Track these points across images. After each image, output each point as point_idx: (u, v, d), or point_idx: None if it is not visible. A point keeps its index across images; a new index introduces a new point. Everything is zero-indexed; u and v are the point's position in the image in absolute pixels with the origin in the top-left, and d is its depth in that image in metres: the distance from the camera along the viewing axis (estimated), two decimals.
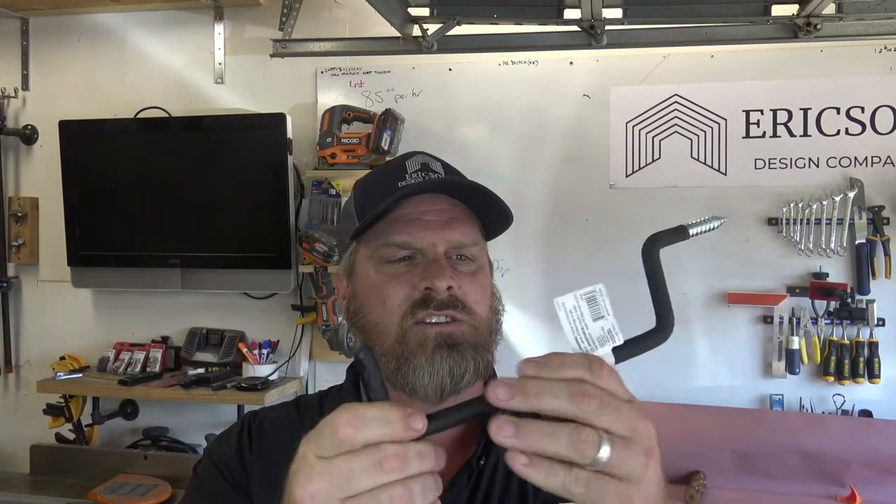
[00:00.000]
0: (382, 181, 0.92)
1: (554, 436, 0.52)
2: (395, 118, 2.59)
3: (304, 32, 2.67)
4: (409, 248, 0.87)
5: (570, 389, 0.54)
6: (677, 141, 2.60)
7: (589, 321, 0.63)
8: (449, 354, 0.83)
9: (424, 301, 0.84)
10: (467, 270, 0.88)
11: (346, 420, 0.53)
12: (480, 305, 0.87)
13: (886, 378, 2.44)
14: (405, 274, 0.86)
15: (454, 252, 0.88)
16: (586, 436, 0.53)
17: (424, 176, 0.89)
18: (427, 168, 0.91)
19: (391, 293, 0.86)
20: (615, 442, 0.54)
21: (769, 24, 2.22)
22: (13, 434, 2.99)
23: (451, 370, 0.83)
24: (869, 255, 2.46)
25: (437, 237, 0.87)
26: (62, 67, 3.01)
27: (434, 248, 0.87)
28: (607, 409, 0.54)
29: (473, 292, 0.87)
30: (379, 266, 0.88)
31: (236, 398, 2.61)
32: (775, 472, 2.39)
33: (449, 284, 0.84)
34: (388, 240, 0.87)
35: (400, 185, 0.89)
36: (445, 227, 0.87)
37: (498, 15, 2.27)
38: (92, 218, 2.83)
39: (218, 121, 2.77)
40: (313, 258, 2.60)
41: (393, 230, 0.87)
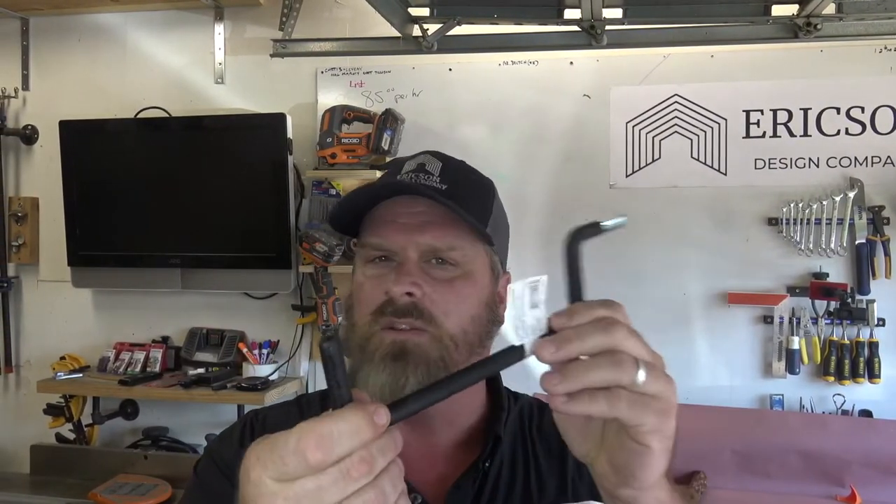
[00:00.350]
0: (382, 178, 0.92)
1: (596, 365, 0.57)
2: (395, 118, 2.59)
3: (304, 32, 2.67)
4: (381, 249, 0.85)
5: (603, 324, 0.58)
6: (677, 141, 2.60)
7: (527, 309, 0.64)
8: (392, 365, 0.80)
9: (384, 305, 0.82)
10: (443, 277, 0.84)
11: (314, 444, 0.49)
12: (451, 316, 0.83)
13: (886, 378, 2.44)
14: (378, 277, 0.85)
15: (431, 256, 0.84)
16: (626, 358, 0.57)
17: (414, 177, 0.87)
18: (421, 168, 0.88)
19: (365, 295, 0.85)
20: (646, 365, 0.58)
21: (769, 24, 2.22)
22: (13, 434, 2.99)
23: (389, 382, 0.80)
24: (869, 255, 2.46)
25: (406, 240, 0.84)
26: (62, 67, 3.01)
27: (404, 251, 0.84)
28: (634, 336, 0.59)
29: (443, 301, 0.83)
30: (363, 266, 0.87)
31: (236, 398, 2.61)
32: (775, 472, 2.39)
33: (408, 290, 0.82)
34: (366, 240, 0.87)
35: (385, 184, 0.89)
36: (416, 230, 0.84)
37: (498, 15, 2.27)
38: (92, 218, 2.83)
39: (218, 121, 2.77)
40: (313, 258, 2.60)
41: (371, 231, 0.87)
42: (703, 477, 2.37)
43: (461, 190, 0.87)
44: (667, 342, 2.78)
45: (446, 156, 0.92)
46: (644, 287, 2.60)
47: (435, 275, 0.84)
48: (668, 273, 2.60)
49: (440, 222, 0.84)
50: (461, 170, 0.92)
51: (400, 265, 0.84)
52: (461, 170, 0.92)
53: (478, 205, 0.89)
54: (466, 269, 0.86)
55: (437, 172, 0.88)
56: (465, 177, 0.91)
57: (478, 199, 0.90)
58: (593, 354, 0.58)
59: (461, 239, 0.85)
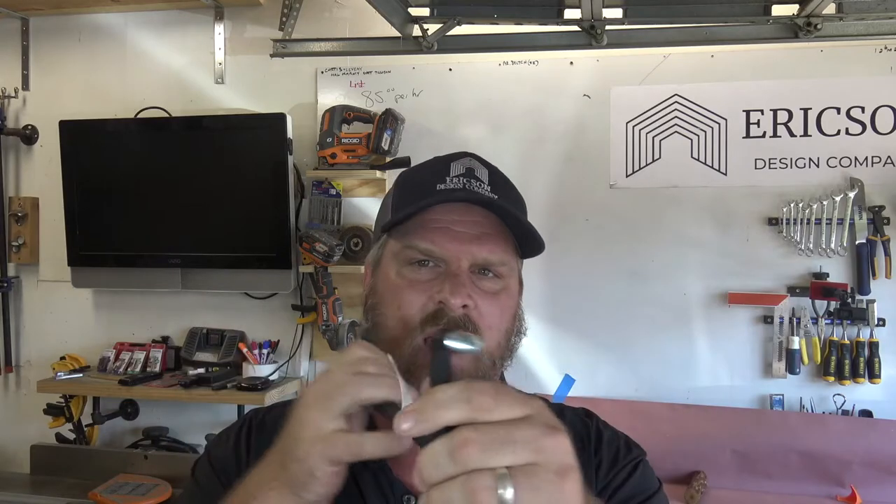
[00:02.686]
0: (422, 179, 0.88)
1: (447, 493, 0.48)
2: (395, 118, 2.59)
3: (304, 32, 2.67)
4: (431, 256, 0.83)
5: (450, 445, 0.49)
6: (677, 141, 2.60)
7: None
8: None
9: (436, 315, 0.81)
10: (490, 290, 0.84)
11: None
12: (493, 331, 0.83)
13: (887, 378, 2.44)
14: (425, 282, 0.83)
15: (481, 268, 0.84)
16: (481, 483, 0.47)
17: (466, 182, 0.85)
18: (471, 174, 0.86)
19: (407, 300, 0.82)
20: (518, 475, 0.48)
21: (769, 24, 2.22)
22: (13, 434, 2.99)
23: None
24: (869, 255, 2.45)
25: (462, 250, 0.83)
26: (62, 67, 3.01)
27: (458, 261, 0.82)
28: (497, 445, 0.48)
29: (490, 315, 0.83)
30: (401, 267, 0.84)
31: (236, 398, 2.61)
32: (775, 472, 2.39)
33: (465, 303, 0.81)
34: (413, 243, 0.84)
35: (438, 187, 0.85)
36: (474, 241, 0.83)
37: (498, 15, 2.27)
38: (92, 218, 2.83)
39: (218, 121, 2.77)
40: (313, 258, 2.60)
41: (419, 234, 0.84)
42: (703, 477, 2.37)
43: (510, 201, 0.87)
44: (667, 342, 2.81)
45: (485, 160, 0.90)
46: (644, 287, 2.60)
47: (483, 286, 0.83)
48: (668, 273, 2.60)
49: (495, 235, 0.84)
50: (504, 178, 0.91)
51: (454, 275, 0.82)
52: (504, 178, 0.91)
53: (523, 216, 0.89)
54: (508, 282, 0.86)
55: (487, 180, 0.87)
56: (509, 187, 0.91)
57: (522, 210, 0.91)
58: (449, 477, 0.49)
59: (509, 253, 0.86)
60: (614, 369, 2.63)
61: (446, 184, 0.85)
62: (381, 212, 0.94)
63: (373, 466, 0.85)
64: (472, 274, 0.83)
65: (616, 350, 2.63)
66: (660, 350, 2.60)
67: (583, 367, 2.63)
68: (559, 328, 2.65)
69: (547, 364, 2.67)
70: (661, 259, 2.60)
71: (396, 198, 0.90)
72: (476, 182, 0.86)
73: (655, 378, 2.60)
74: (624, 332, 2.62)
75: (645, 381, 2.61)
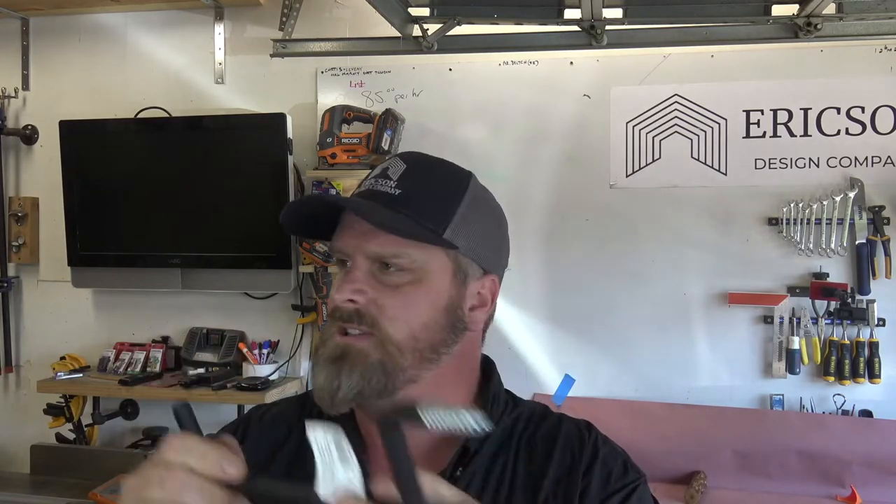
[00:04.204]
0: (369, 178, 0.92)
1: None
2: (395, 118, 2.59)
3: (304, 32, 2.67)
4: (340, 253, 0.88)
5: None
6: (677, 141, 2.60)
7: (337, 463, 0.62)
8: (331, 367, 0.83)
9: (334, 311, 0.85)
10: (392, 283, 0.84)
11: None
12: (398, 322, 0.83)
13: (887, 378, 2.44)
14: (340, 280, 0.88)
15: (379, 263, 0.85)
16: None
17: (373, 182, 0.88)
18: (383, 174, 0.88)
19: (331, 297, 0.88)
20: None
21: (769, 24, 2.22)
22: (13, 434, 2.99)
23: (325, 383, 0.83)
24: (869, 255, 2.45)
25: (355, 247, 0.85)
26: (62, 67, 3.01)
27: (354, 257, 0.86)
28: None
29: (391, 307, 0.83)
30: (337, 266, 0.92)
31: (236, 398, 2.61)
32: (775, 472, 2.39)
33: (349, 297, 0.84)
34: (332, 244, 0.90)
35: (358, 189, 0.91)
36: (363, 237, 0.85)
37: (498, 15, 2.27)
38: (92, 218, 2.83)
39: (218, 121, 2.77)
40: (313, 258, 2.60)
41: (335, 234, 0.89)
42: (703, 477, 2.38)
43: (417, 195, 0.86)
44: (667, 342, 2.81)
45: (417, 157, 0.91)
46: (644, 287, 2.60)
47: (384, 280, 0.85)
48: (668, 273, 2.60)
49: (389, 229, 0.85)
50: (426, 171, 0.89)
51: (348, 272, 0.86)
52: (426, 171, 0.89)
53: (436, 208, 0.86)
54: (418, 274, 0.85)
55: (397, 177, 0.87)
56: (426, 179, 0.88)
57: (438, 202, 0.87)
58: None
59: (408, 246, 0.84)
60: (614, 369, 2.63)
61: (361, 188, 0.90)
62: None
63: None
64: (378, 270, 0.85)
65: (616, 350, 2.63)
66: (660, 350, 2.60)
67: (583, 367, 2.63)
68: (559, 328, 2.65)
69: (547, 364, 2.67)
70: (661, 259, 2.60)
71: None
72: (383, 181, 0.87)
73: (655, 378, 2.60)
74: (624, 331, 2.62)
75: (645, 381, 2.61)
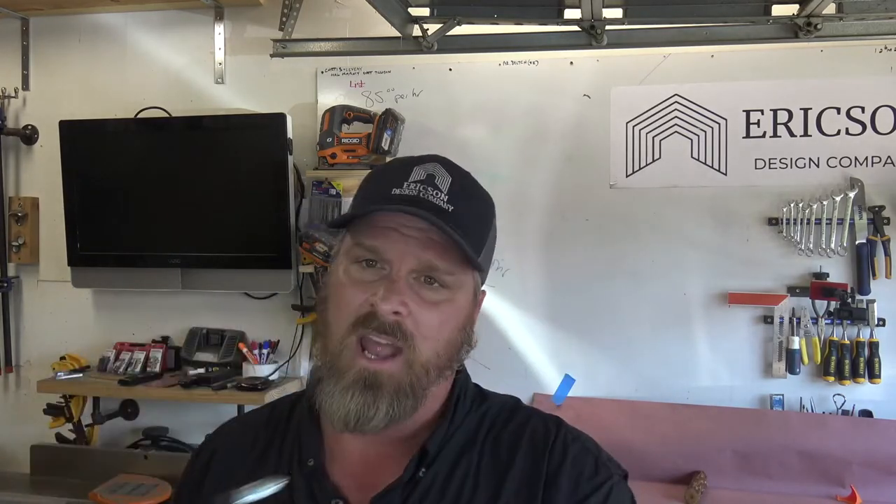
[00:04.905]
0: (384, 180, 0.86)
1: None
2: (395, 118, 2.59)
3: (304, 32, 2.67)
4: (377, 255, 0.82)
5: None
6: (677, 141, 2.60)
7: None
8: (363, 394, 0.80)
9: (367, 318, 0.80)
10: (431, 299, 0.82)
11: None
12: (429, 342, 0.82)
13: (887, 378, 2.44)
14: (367, 283, 0.82)
15: (425, 275, 0.82)
16: None
17: (422, 189, 0.82)
18: (430, 181, 0.83)
19: (347, 299, 0.82)
20: None
21: (769, 24, 2.22)
22: (13, 434, 2.99)
23: (357, 411, 0.79)
24: (869, 255, 2.45)
25: (407, 252, 0.81)
26: (62, 67, 3.01)
27: (401, 262, 0.81)
28: None
29: (427, 325, 0.81)
30: (350, 264, 0.84)
31: (236, 398, 2.61)
32: (775, 472, 2.39)
33: (396, 309, 0.79)
34: (361, 240, 0.83)
35: (393, 192, 0.83)
36: (419, 244, 0.81)
37: (498, 15, 2.27)
38: (92, 218, 2.82)
39: (218, 121, 2.77)
40: (313, 258, 2.60)
41: (368, 232, 0.82)
42: (703, 477, 2.38)
43: (466, 214, 0.84)
44: (667, 342, 2.81)
45: (456, 167, 0.88)
46: (644, 287, 2.60)
47: (424, 295, 0.82)
48: (668, 273, 2.60)
49: (444, 242, 0.81)
50: (468, 188, 0.88)
51: (391, 280, 0.81)
52: (468, 188, 0.88)
53: (478, 231, 0.86)
54: (454, 293, 0.84)
55: (446, 189, 0.84)
56: (470, 198, 0.87)
57: (479, 225, 0.87)
58: None
59: (458, 264, 0.83)
60: (614, 369, 2.63)
61: (402, 189, 0.83)
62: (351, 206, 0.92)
63: (307, 471, 0.86)
64: (416, 282, 0.82)
65: (616, 350, 2.63)
66: (660, 350, 2.60)
67: (583, 367, 2.63)
68: (559, 328, 2.65)
69: (547, 364, 2.67)
70: (661, 259, 2.60)
71: (358, 195, 0.89)
72: (433, 191, 0.83)
73: (655, 378, 2.60)
74: (624, 331, 2.62)
75: (645, 381, 2.61)
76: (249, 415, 1.05)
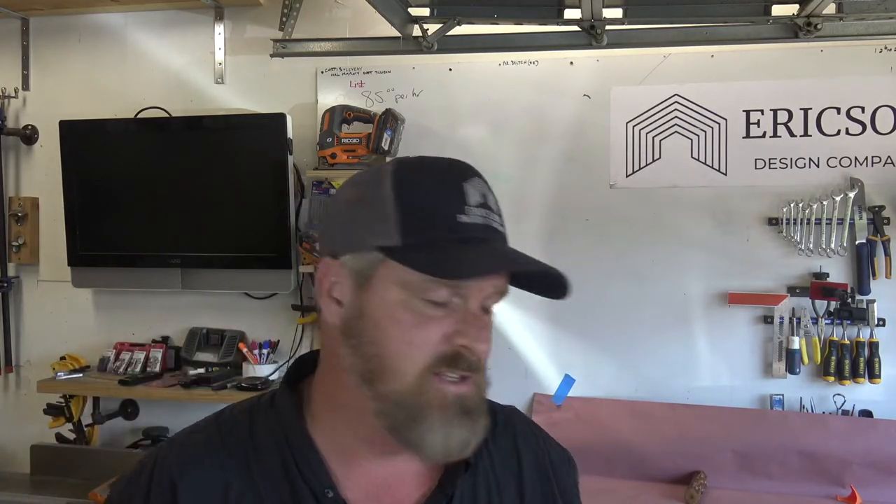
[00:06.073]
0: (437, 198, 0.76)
1: None
2: (395, 118, 2.59)
3: (304, 32, 2.67)
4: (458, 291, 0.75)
5: None
6: (677, 141, 2.60)
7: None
8: (466, 421, 0.76)
9: (454, 359, 0.75)
10: (489, 325, 0.79)
11: None
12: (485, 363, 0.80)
13: (887, 378, 2.44)
14: (441, 319, 0.75)
15: (489, 301, 0.79)
16: None
17: (485, 215, 0.77)
18: (486, 204, 0.78)
19: (422, 338, 0.75)
20: None
21: (769, 24, 2.22)
22: (13, 434, 2.99)
23: (466, 439, 0.76)
24: (869, 255, 2.45)
25: (487, 283, 0.77)
26: (62, 67, 3.01)
27: (479, 294, 0.76)
28: None
29: (488, 351, 0.79)
30: (412, 299, 0.75)
31: (236, 398, 2.55)
32: (775, 472, 2.39)
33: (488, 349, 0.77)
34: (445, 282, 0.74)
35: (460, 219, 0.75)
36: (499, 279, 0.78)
37: (498, 15, 2.27)
38: (92, 218, 2.82)
39: (218, 121, 2.77)
40: (313, 258, 2.60)
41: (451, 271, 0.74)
42: (703, 477, 2.38)
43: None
44: (667, 342, 2.81)
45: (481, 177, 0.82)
46: (644, 287, 2.60)
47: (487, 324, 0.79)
48: (668, 273, 2.60)
49: None
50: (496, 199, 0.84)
51: (474, 317, 0.76)
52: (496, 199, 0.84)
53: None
54: None
55: (497, 209, 0.80)
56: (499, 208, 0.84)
57: None
58: None
59: None
60: (614, 369, 2.63)
61: (468, 216, 0.75)
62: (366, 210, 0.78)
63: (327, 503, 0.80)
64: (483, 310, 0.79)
65: (616, 350, 2.63)
66: (660, 350, 2.60)
67: (583, 367, 2.63)
68: (559, 328, 2.65)
69: (547, 364, 2.67)
70: (661, 259, 2.60)
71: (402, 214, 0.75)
72: (493, 215, 0.78)
73: (655, 378, 2.60)
74: (624, 331, 2.62)
75: (645, 381, 2.61)
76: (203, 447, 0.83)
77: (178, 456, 0.82)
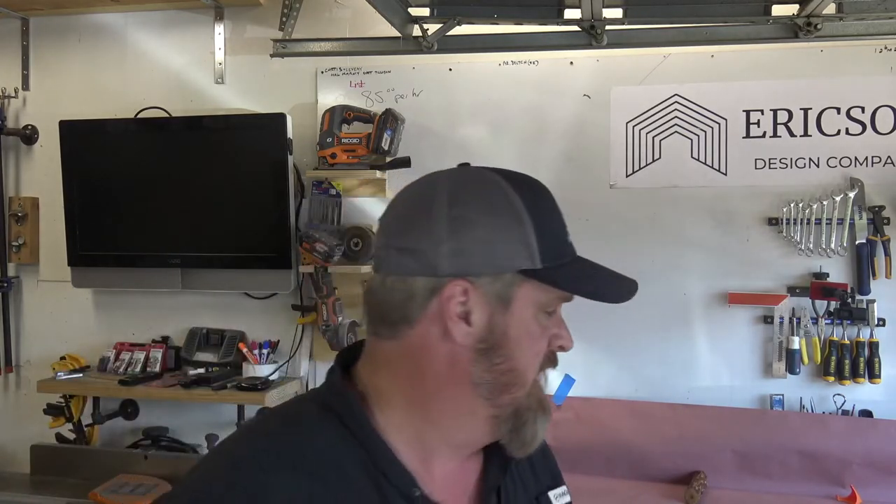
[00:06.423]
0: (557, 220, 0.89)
1: None
2: (395, 118, 2.59)
3: (304, 32, 2.67)
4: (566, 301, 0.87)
5: None
6: (677, 141, 2.60)
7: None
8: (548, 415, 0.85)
9: (553, 359, 0.86)
10: None
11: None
12: None
13: (887, 378, 2.44)
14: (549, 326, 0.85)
15: None
16: None
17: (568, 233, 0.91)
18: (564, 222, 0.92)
19: (541, 346, 0.84)
20: None
21: (769, 24, 2.22)
22: (13, 434, 2.99)
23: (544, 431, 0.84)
24: (869, 255, 2.45)
25: None
26: (62, 67, 3.01)
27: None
28: None
29: None
30: (538, 313, 0.82)
31: (236, 398, 2.61)
32: (775, 472, 2.39)
33: None
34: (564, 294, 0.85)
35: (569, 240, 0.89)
36: None
37: (498, 15, 2.27)
38: (92, 218, 2.83)
39: (218, 121, 2.77)
40: (313, 258, 2.60)
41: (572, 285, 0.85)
42: (703, 477, 2.38)
43: None
44: (667, 342, 2.80)
45: None
46: (644, 287, 2.56)
47: None
48: (668, 273, 2.60)
49: None
50: None
51: (562, 319, 0.87)
52: None
53: None
54: None
55: None
56: None
57: None
58: None
59: None
60: (614, 369, 2.63)
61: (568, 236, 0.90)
62: (507, 240, 0.81)
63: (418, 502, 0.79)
64: None
65: (616, 350, 2.63)
66: (660, 350, 2.60)
67: (583, 367, 2.63)
68: None
69: None
70: (661, 259, 2.60)
71: (539, 239, 0.83)
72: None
73: (655, 378, 2.60)
74: (624, 332, 2.61)
75: (645, 381, 2.61)
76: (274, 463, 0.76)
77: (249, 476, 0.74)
